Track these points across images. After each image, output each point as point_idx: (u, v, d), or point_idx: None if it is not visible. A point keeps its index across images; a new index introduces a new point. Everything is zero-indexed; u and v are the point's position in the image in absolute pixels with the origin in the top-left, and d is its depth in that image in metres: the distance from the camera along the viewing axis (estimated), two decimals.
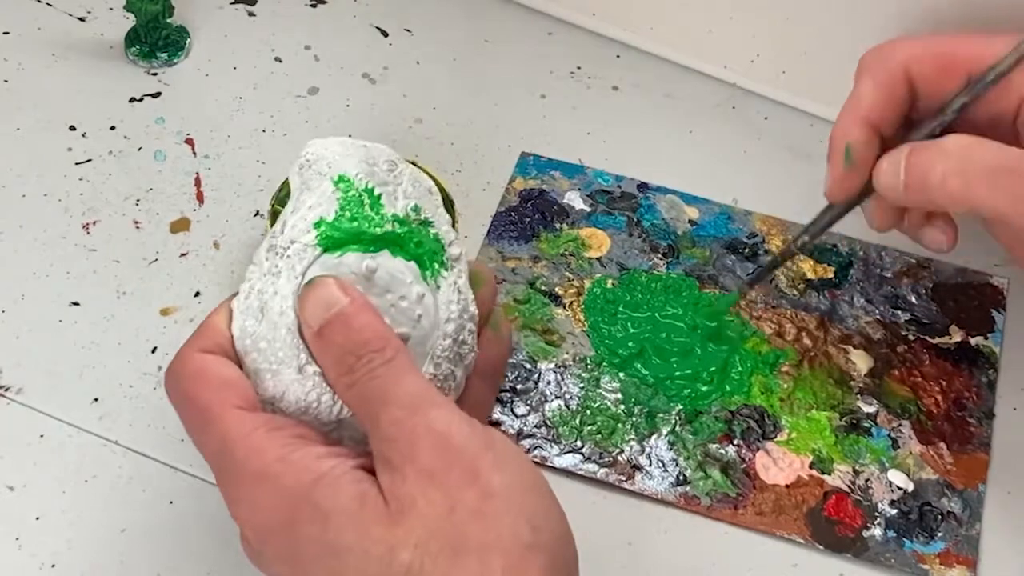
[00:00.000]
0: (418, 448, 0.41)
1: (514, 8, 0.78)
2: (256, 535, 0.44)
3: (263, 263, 0.47)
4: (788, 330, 0.65)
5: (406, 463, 0.41)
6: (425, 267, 0.48)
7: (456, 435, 0.42)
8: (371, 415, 0.43)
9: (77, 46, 0.75)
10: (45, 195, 0.68)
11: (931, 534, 0.58)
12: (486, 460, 0.41)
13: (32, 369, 0.61)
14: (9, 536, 0.56)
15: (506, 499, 0.41)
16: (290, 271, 0.46)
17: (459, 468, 0.41)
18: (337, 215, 0.47)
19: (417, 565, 0.40)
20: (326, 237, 0.46)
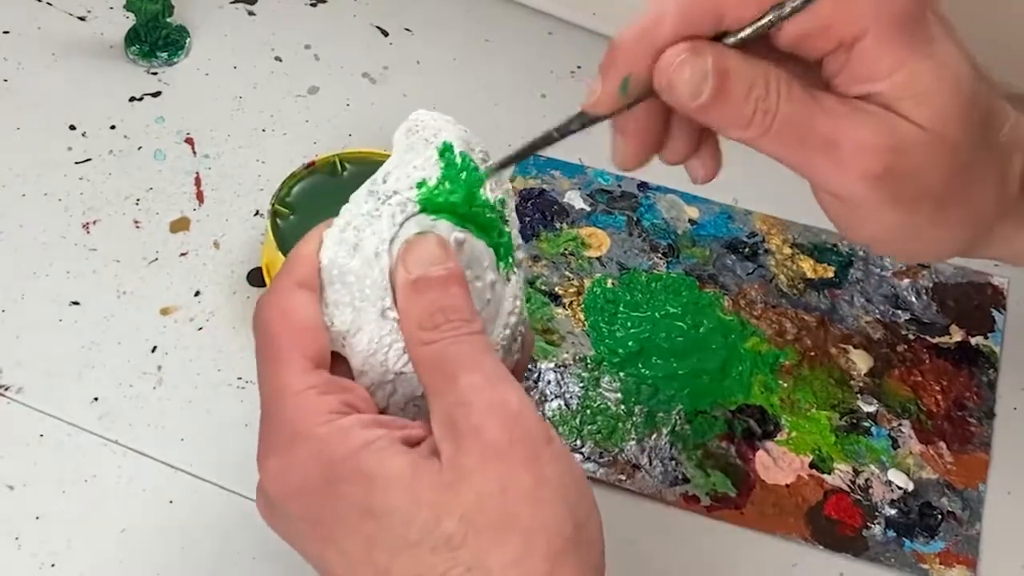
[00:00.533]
0: (490, 419, 0.41)
1: (514, 8, 0.78)
2: (283, 491, 0.43)
3: (362, 204, 0.47)
4: (788, 330, 0.65)
5: (474, 433, 0.41)
6: (500, 258, 0.49)
7: (527, 418, 0.42)
8: (447, 375, 0.43)
9: (77, 46, 0.75)
10: (45, 195, 0.68)
11: (931, 534, 0.58)
12: (547, 448, 0.42)
13: (32, 369, 0.61)
14: (9, 536, 0.56)
15: (557, 489, 0.41)
16: (390, 218, 0.47)
17: (522, 449, 0.41)
18: (439, 181, 0.47)
19: (460, 536, 0.40)
20: (426, 199, 0.47)
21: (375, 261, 0.46)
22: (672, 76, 0.45)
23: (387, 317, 0.46)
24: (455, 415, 0.42)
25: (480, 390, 0.42)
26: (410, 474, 0.41)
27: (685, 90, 0.45)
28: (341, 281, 0.46)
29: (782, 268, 0.67)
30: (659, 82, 0.45)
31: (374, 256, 0.46)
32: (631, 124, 0.48)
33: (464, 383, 0.42)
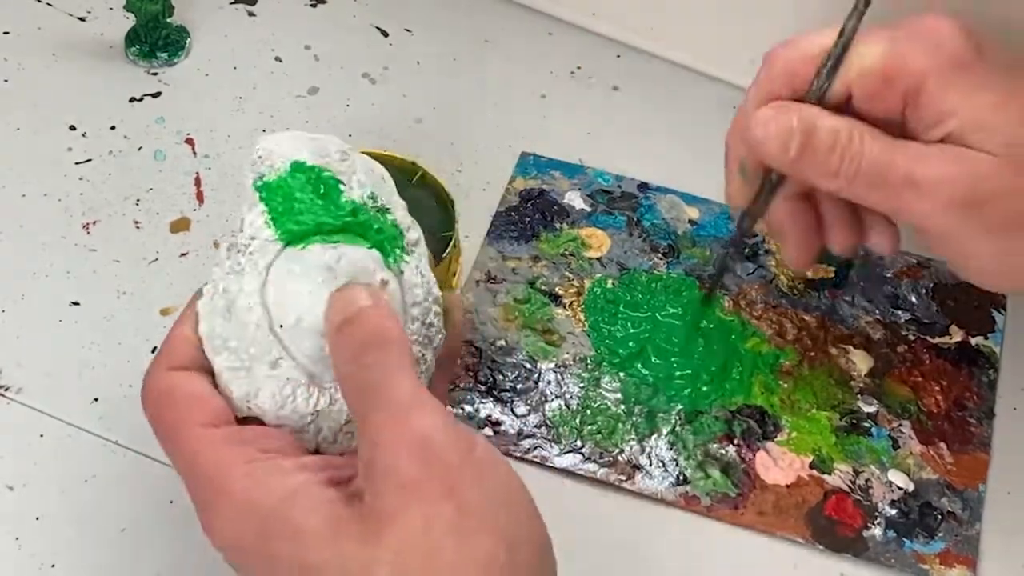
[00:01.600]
0: (401, 456, 0.41)
1: (514, 8, 0.78)
2: (229, 551, 0.44)
3: (224, 262, 0.47)
4: (788, 330, 0.65)
5: (388, 473, 0.41)
6: (387, 253, 0.48)
7: (438, 442, 0.41)
8: (361, 411, 0.43)
9: (77, 46, 0.75)
10: (45, 195, 0.68)
11: (931, 534, 0.58)
12: (465, 473, 0.41)
13: (32, 369, 0.61)
14: (9, 536, 0.56)
15: (482, 516, 0.41)
16: (253, 267, 0.46)
17: (438, 480, 0.41)
18: (294, 209, 0.47)
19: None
20: (287, 231, 0.46)
21: (249, 317, 0.46)
22: (762, 133, 0.50)
23: (280, 367, 0.46)
24: (370, 457, 0.42)
25: (387, 427, 0.42)
26: (332, 527, 0.41)
27: (776, 145, 0.50)
28: (225, 348, 0.46)
29: (782, 268, 0.67)
30: (752, 142, 0.51)
31: (247, 312, 0.46)
32: (783, 223, 0.54)
33: (372, 421, 0.42)
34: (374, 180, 0.49)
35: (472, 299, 0.65)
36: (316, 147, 0.48)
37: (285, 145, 0.48)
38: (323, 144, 0.49)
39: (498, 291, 0.65)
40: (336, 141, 0.49)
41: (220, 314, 0.46)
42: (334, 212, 0.47)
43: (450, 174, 0.69)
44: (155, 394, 0.46)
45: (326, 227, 0.47)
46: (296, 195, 0.47)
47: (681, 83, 0.75)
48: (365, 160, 0.50)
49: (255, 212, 0.47)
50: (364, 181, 0.49)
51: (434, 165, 0.66)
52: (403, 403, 0.42)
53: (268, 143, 0.48)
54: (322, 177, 0.47)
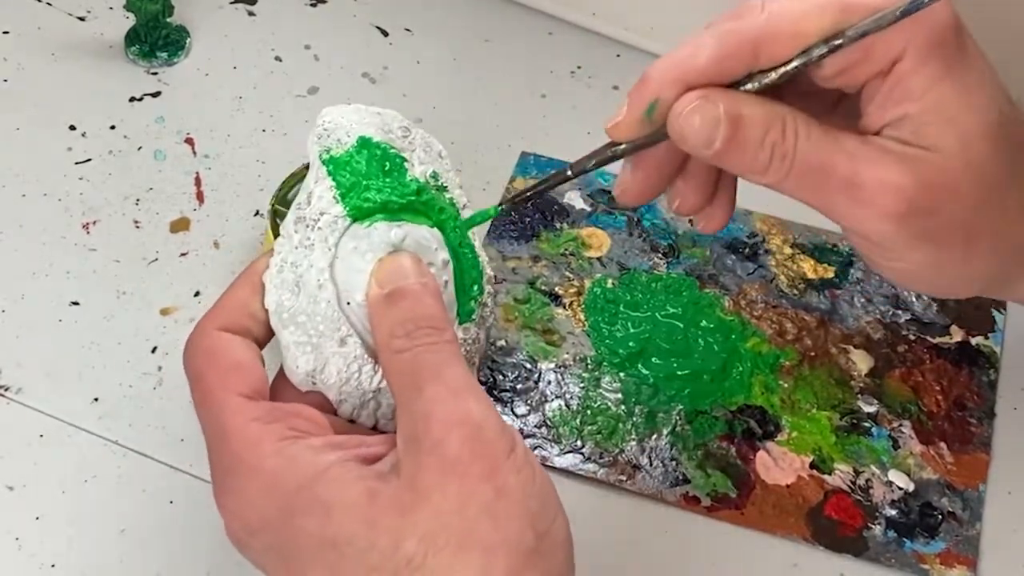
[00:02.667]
0: (451, 433, 0.41)
1: (514, 8, 0.78)
2: (244, 526, 0.44)
3: (292, 235, 0.47)
4: (788, 330, 0.65)
5: (435, 448, 0.41)
6: (448, 232, 0.48)
7: (489, 429, 0.42)
8: (414, 385, 0.43)
9: (77, 46, 0.75)
10: (45, 195, 0.68)
11: (931, 534, 0.58)
12: (508, 460, 0.41)
13: (32, 369, 0.61)
14: (9, 536, 0.56)
15: (518, 501, 0.41)
16: (323, 243, 0.46)
17: (482, 463, 0.41)
18: (362, 185, 0.47)
19: (420, 557, 0.40)
20: (355, 208, 0.46)
21: (320, 293, 0.46)
22: (683, 124, 0.45)
23: (347, 344, 0.46)
24: (417, 429, 0.42)
25: (443, 402, 0.42)
26: (366, 500, 0.41)
27: (698, 138, 0.45)
28: (293, 323, 0.46)
29: (782, 268, 0.67)
30: (672, 131, 0.46)
31: (318, 289, 0.46)
32: (648, 154, 0.48)
33: (428, 395, 0.42)
34: (433, 157, 0.49)
35: None
36: (380, 122, 0.48)
37: (351, 118, 0.48)
38: (386, 119, 0.49)
39: (498, 291, 0.65)
40: (398, 117, 0.49)
41: (289, 288, 0.46)
42: (400, 190, 0.47)
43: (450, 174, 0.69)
44: (200, 351, 0.45)
45: (392, 205, 0.47)
46: (363, 171, 0.47)
47: None
48: (424, 136, 0.50)
49: (323, 186, 0.47)
50: (424, 159, 0.49)
51: None
52: (458, 386, 0.42)
53: (333, 115, 0.48)
54: (388, 154, 0.48)
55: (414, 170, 0.48)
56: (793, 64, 0.44)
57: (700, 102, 0.45)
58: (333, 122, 0.48)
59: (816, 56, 0.44)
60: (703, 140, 0.45)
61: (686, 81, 0.45)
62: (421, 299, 0.45)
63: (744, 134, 0.45)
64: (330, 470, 0.42)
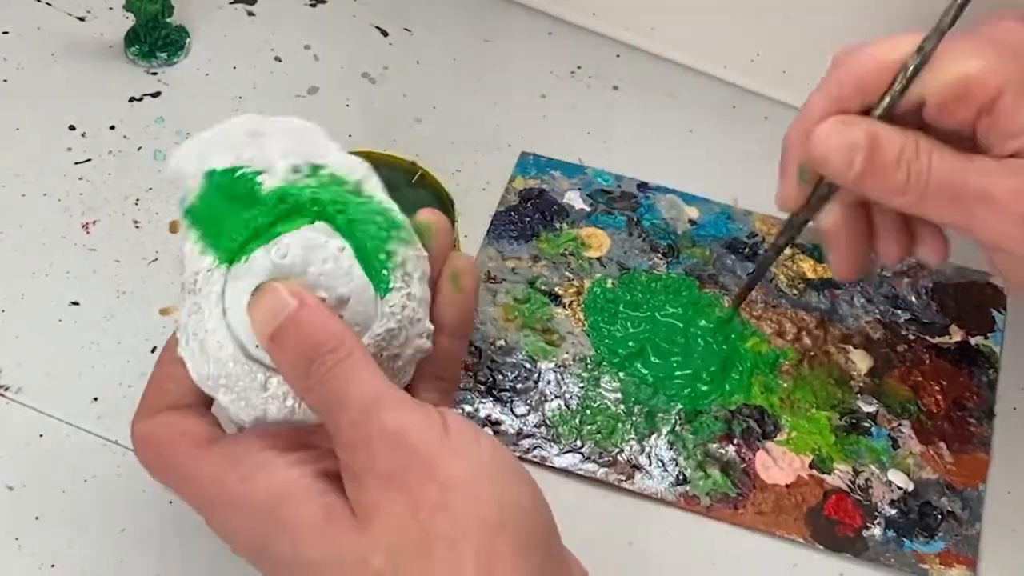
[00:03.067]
0: (374, 453, 0.41)
1: (514, 8, 0.78)
2: (248, 556, 0.45)
3: (183, 307, 0.46)
4: (788, 330, 0.65)
5: (366, 471, 0.42)
6: (331, 216, 0.45)
7: (410, 432, 0.42)
8: (330, 419, 0.43)
9: (77, 46, 0.75)
10: (45, 195, 0.68)
11: (931, 534, 0.58)
12: (442, 451, 0.41)
13: (32, 369, 0.61)
14: (9, 536, 0.56)
15: (465, 486, 0.41)
16: (208, 303, 0.45)
17: (416, 466, 0.41)
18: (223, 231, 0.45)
19: (391, 569, 0.41)
20: (225, 251, 0.45)
21: (222, 353, 0.45)
22: (824, 148, 0.48)
23: (270, 386, 0.45)
24: (346, 458, 0.42)
25: (356, 428, 0.42)
26: (325, 519, 0.42)
27: (839, 160, 0.48)
28: (218, 387, 0.46)
29: (782, 268, 0.67)
30: (814, 156, 0.49)
31: (219, 350, 0.45)
32: (834, 233, 0.53)
33: (342, 425, 0.42)
34: (295, 140, 0.46)
35: None
36: (221, 143, 0.46)
37: (192, 152, 0.46)
38: (231, 131, 0.46)
39: (498, 291, 0.65)
40: (242, 120, 0.46)
41: (199, 357, 0.45)
42: (261, 210, 0.45)
43: (450, 174, 0.69)
44: (141, 442, 0.47)
45: (261, 228, 0.45)
46: (221, 208, 0.45)
47: (681, 83, 0.75)
48: (279, 123, 0.47)
49: (188, 244, 0.45)
50: (286, 148, 0.46)
51: (434, 165, 0.66)
52: (366, 401, 0.42)
53: (173, 161, 0.46)
54: (236, 179, 0.45)
55: (275, 175, 0.45)
56: (899, 83, 0.48)
57: (839, 126, 0.48)
58: (175, 169, 0.46)
59: (911, 69, 0.48)
60: (844, 162, 0.48)
61: None
62: (301, 327, 0.43)
63: (882, 155, 0.48)
64: (289, 489, 0.43)
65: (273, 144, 0.46)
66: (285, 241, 0.44)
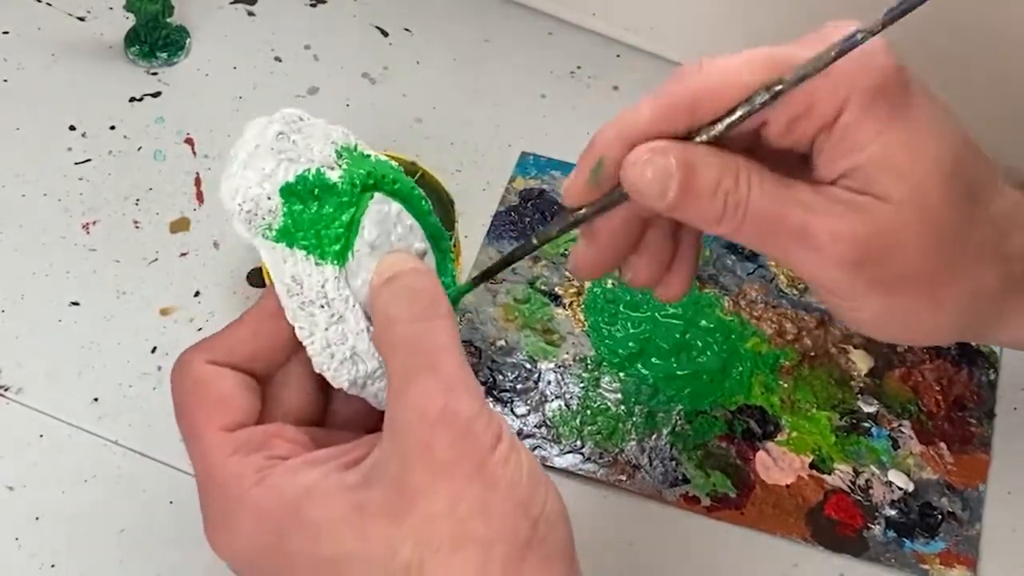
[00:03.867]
0: (439, 433, 0.41)
1: (514, 8, 0.78)
2: (238, 562, 0.44)
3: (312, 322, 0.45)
4: (788, 330, 0.65)
5: (422, 449, 0.41)
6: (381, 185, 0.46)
7: (477, 426, 0.41)
8: (407, 371, 0.42)
9: (77, 46, 0.75)
10: (45, 195, 0.68)
11: (931, 534, 0.58)
12: (494, 452, 0.41)
13: (32, 369, 0.61)
14: (9, 536, 0.56)
15: (507, 492, 0.41)
16: (346, 308, 0.45)
17: (470, 459, 0.41)
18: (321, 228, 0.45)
19: (417, 562, 0.40)
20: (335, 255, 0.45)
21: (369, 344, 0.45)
22: (636, 176, 0.45)
23: None
24: (405, 426, 0.42)
25: (433, 399, 0.41)
26: (354, 513, 0.41)
27: (651, 189, 0.45)
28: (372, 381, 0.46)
29: (782, 268, 0.67)
30: (626, 183, 0.45)
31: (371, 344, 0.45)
32: (602, 227, 0.48)
33: (419, 389, 0.42)
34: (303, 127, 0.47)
35: (472, 299, 0.65)
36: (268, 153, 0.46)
37: (253, 178, 0.46)
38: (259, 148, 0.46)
39: (498, 291, 0.65)
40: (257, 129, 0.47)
41: (350, 364, 0.45)
42: (345, 202, 0.45)
43: (450, 174, 0.69)
44: (185, 383, 0.46)
45: (355, 220, 0.45)
46: (311, 216, 0.45)
47: None
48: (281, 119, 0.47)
49: (299, 263, 0.45)
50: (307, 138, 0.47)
51: (434, 165, 0.66)
52: (451, 377, 0.42)
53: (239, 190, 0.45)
54: (308, 182, 0.45)
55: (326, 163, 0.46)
56: (737, 113, 0.44)
57: (652, 154, 0.45)
58: (246, 196, 0.45)
59: (758, 103, 0.44)
60: (657, 191, 0.45)
61: (628, 139, 0.45)
62: (419, 276, 0.45)
63: (697, 184, 0.44)
64: (313, 489, 0.42)
65: (297, 138, 0.47)
66: (367, 224, 0.45)
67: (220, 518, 0.44)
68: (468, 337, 0.63)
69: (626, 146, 0.45)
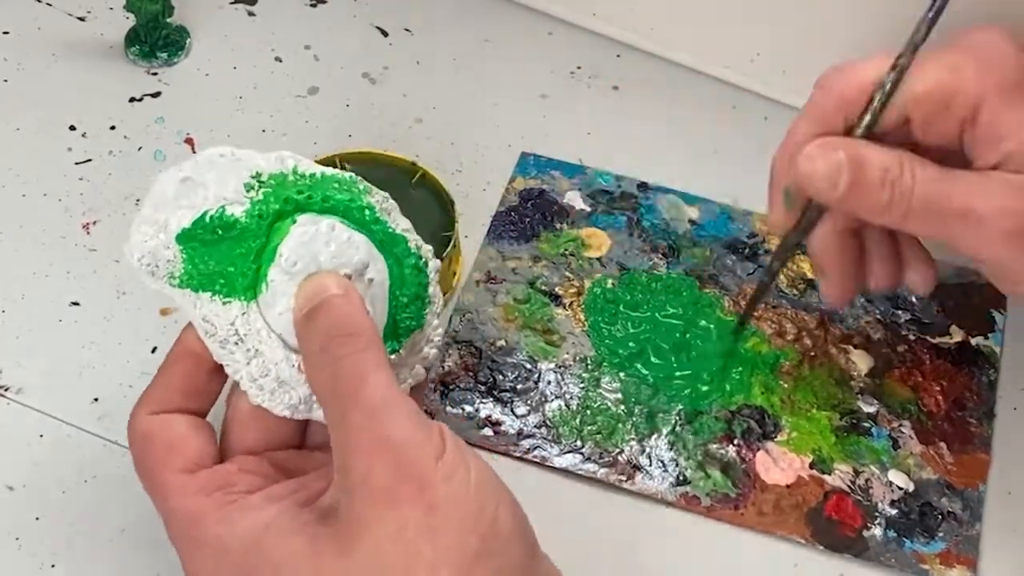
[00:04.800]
0: (374, 463, 0.41)
1: (514, 8, 0.78)
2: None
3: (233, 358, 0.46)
4: (788, 330, 0.65)
5: (362, 481, 0.42)
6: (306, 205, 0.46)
7: (411, 447, 0.42)
8: (337, 409, 0.43)
9: (77, 46, 0.75)
10: (45, 195, 0.68)
11: (931, 534, 0.58)
12: (436, 470, 0.42)
13: (32, 369, 0.61)
14: (9, 536, 0.56)
15: (451, 510, 0.41)
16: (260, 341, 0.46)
17: (409, 482, 0.41)
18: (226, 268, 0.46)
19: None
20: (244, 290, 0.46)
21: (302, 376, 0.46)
22: (808, 170, 0.49)
23: None
24: (344, 462, 0.42)
25: (362, 431, 0.42)
26: (308, 548, 0.42)
27: (823, 182, 0.49)
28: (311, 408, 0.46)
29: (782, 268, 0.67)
30: (799, 178, 0.49)
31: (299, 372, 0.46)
32: (826, 259, 0.53)
33: (349, 423, 0.42)
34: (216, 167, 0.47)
35: (472, 299, 0.65)
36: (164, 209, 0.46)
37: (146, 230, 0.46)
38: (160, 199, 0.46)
39: (498, 291, 0.65)
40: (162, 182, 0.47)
41: (280, 393, 0.46)
42: (250, 234, 0.46)
43: (450, 174, 0.69)
44: (136, 438, 0.47)
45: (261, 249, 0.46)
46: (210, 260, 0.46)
47: (681, 83, 0.75)
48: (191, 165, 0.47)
49: (207, 304, 0.46)
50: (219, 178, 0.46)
51: (434, 165, 0.66)
52: (376, 404, 0.42)
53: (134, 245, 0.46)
54: (208, 224, 0.46)
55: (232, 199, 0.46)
56: (877, 99, 0.49)
57: (822, 148, 0.49)
58: (144, 252, 0.46)
59: (889, 84, 0.48)
60: (829, 183, 0.49)
61: None
62: (334, 307, 0.45)
63: (865, 175, 0.48)
64: (271, 525, 0.43)
65: (207, 180, 0.46)
66: (285, 251, 0.45)
67: (189, 558, 0.45)
68: (468, 337, 0.63)
69: None
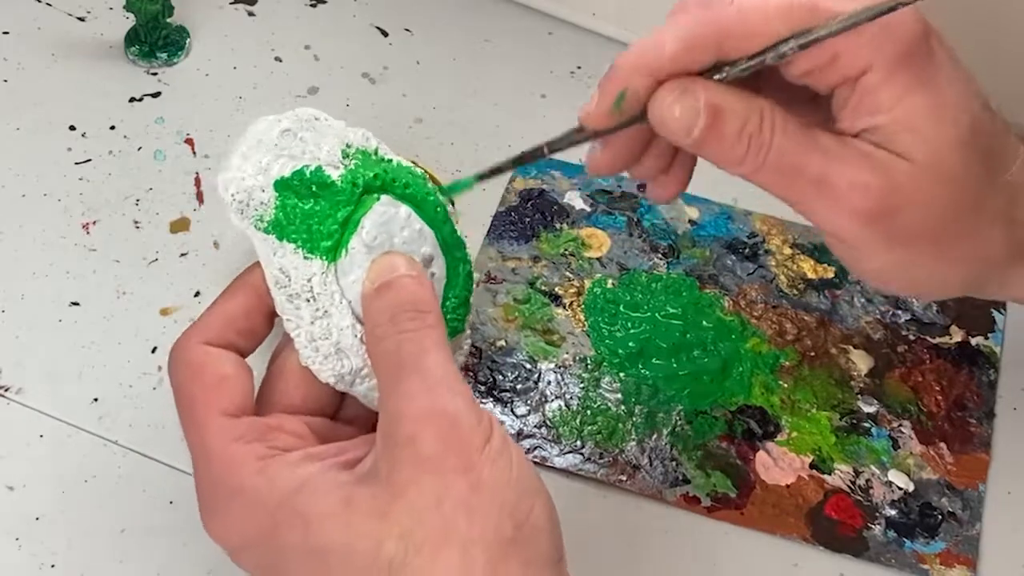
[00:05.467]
0: (424, 430, 0.41)
1: (514, 8, 0.78)
2: (232, 548, 0.44)
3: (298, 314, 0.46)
4: (788, 330, 0.65)
5: (408, 445, 0.41)
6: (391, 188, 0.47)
7: (463, 422, 0.42)
8: (394, 378, 0.43)
9: (77, 46, 0.75)
10: (45, 195, 0.68)
11: (931, 534, 0.58)
12: (483, 451, 0.42)
13: (32, 369, 0.61)
14: (9, 536, 0.56)
15: (493, 493, 0.41)
16: (331, 303, 0.46)
17: (457, 456, 0.41)
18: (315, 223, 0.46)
19: (400, 556, 0.41)
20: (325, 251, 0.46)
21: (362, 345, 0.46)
22: (664, 113, 0.46)
23: None
24: (392, 426, 0.42)
25: (416, 398, 0.42)
26: (344, 507, 0.42)
27: (678, 127, 0.46)
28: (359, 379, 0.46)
29: (782, 268, 0.67)
30: (653, 118, 0.46)
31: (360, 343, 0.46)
32: (617, 137, 0.49)
33: (403, 390, 0.42)
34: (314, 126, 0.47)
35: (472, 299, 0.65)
36: (269, 150, 0.46)
37: (248, 170, 0.46)
38: (261, 143, 0.46)
39: (498, 291, 0.65)
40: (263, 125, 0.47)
41: (334, 358, 0.46)
42: (343, 200, 0.46)
43: (450, 174, 0.69)
44: (184, 365, 0.46)
45: (354, 218, 0.46)
46: (300, 212, 0.46)
47: None
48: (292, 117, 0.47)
49: (288, 255, 0.46)
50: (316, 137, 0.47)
51: (434, 165, 0.66)
52: (436, 376, 0.42)
53: (231, 179, 0.46)
54: (307, 178, 0.46)
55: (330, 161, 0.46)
56: (763, 58, 0.45)
57: (681, 93, 0.45)
58: (239, 187, 0.46)
59: (786, 51, 0.45)
60: (683, 129, 0.46)
61: (653, 71, 0.46)
62: (405, 286, 0.45)
63: (723, 125, 0.45)
64: (308, 482, 0.42)
65: (306, 136, 0.47)
66: (368, 223, 0.46)
67: (217, 504, 0.44)
68: None
69: (649, 77, 0.46)
